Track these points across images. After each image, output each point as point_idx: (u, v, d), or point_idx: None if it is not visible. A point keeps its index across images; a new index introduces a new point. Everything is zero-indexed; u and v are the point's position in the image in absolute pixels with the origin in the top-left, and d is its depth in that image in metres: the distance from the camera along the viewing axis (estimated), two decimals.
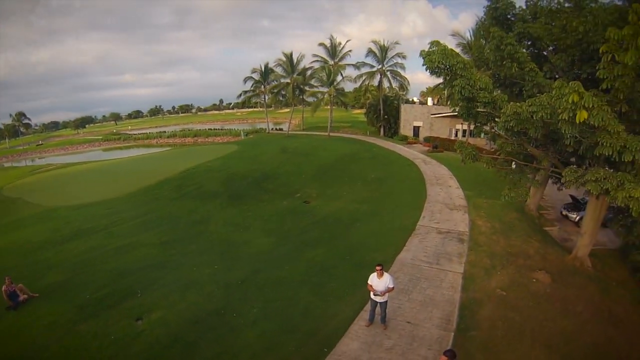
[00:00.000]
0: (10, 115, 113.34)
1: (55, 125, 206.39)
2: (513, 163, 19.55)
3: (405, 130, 56.15)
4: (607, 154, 11.05)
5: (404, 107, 57.52)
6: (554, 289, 13.92)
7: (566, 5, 15.61)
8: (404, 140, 52.39)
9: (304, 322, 11.97)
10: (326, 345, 10.71)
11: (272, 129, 76.90)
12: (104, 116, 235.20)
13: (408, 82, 59.37)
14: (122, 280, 15.13)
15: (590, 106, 10.10)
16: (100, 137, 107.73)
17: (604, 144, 10.82)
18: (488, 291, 13.50)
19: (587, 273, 15.60)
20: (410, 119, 55.76)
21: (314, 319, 12.06)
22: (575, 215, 22.88)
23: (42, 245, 19.96)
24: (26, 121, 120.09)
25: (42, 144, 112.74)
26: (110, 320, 12.39)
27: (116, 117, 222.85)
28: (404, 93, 64.55)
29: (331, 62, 58.49)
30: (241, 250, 17.74)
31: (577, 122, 10.31)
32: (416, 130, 54.87)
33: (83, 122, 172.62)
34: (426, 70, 14.76)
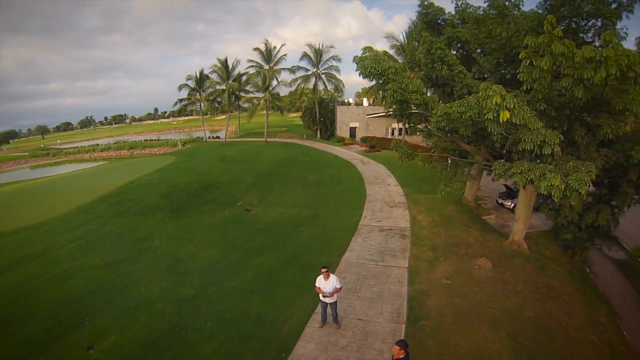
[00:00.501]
0: None
1: None
2: (449, 159, 20.63)
3: (342, 131, 57.11)
4: (529, 149, 12.06)
5: (339, 109, 58.38)
6: (495, 272, 15.00)
7: (491, 12, 16.68)
8: (341, 141, 53.43)
9: (259, 329, 12.02)
10: (283, 350, 10.89)
11: (209, 137, 74.96)
12: (29, 130, 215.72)
13: (343, 84, 60.41)
14: (67, 308, 14.22)
15: (512, 107, 11.00)
16: (27, 154, 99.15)
17: (526, 139, 11.81)
18: (433, 282, 14.28)
19: (524, 254, 16.94)
20: (346, 120, 56.86)
21: (267, 326, 12.15)
22: (509, 203, 24.42)
23: None
24: None
25: None
26: (60, 353, 11.65)
27: (43, 130, 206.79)
28: (340, 95, 65.59)
29: (266, 67, 58.28)
30: (188, 264, 17.34)
31: (501, 121, 11.19)
32: (353, 131, 56.07)
33: (6, 137, 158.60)
34: (359, 75, 15.31)
